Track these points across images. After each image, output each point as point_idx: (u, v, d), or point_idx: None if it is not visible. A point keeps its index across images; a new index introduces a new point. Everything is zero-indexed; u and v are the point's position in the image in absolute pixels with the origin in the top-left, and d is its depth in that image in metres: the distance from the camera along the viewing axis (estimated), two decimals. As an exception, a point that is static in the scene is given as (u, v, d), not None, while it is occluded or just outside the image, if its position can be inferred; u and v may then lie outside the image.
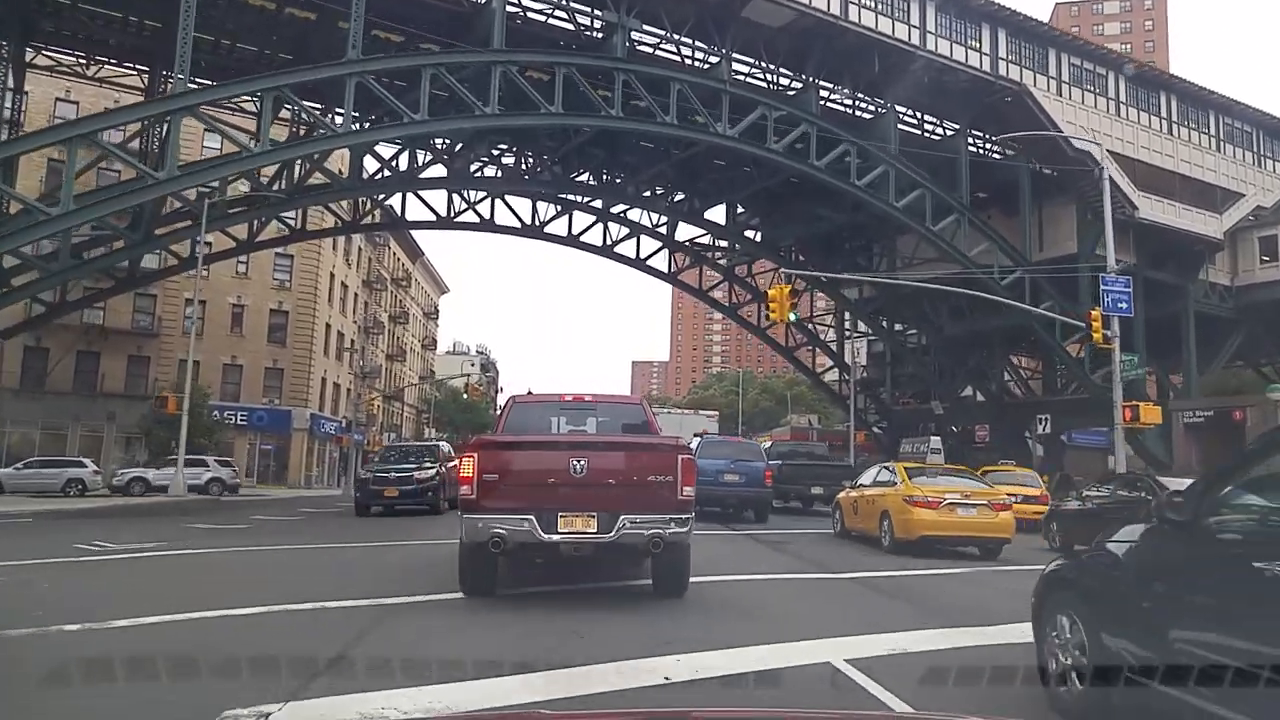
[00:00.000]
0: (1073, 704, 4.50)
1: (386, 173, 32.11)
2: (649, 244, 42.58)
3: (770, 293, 21.49)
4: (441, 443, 28.62)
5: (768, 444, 28.76)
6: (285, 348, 48.28)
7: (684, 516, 8.02)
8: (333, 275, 52.48)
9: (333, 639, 6.38)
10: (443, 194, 37.52)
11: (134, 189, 21.86)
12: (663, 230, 42.11)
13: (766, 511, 19.64)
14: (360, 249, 58.41)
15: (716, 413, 70.81)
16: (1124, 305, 19.86)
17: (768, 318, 21.59)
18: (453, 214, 37.21)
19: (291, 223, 35.53)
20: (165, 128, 22.27)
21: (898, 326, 44.70)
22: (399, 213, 37.25)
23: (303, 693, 4.90)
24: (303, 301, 48.80)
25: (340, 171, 30.10)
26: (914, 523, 13.25)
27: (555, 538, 7.85)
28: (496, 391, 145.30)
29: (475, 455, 8.02)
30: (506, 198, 38.82)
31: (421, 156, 31.82)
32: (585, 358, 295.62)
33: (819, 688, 5.48)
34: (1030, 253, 35.05)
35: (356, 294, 57.74)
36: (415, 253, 74.31)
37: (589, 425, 9.53)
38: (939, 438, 40.30)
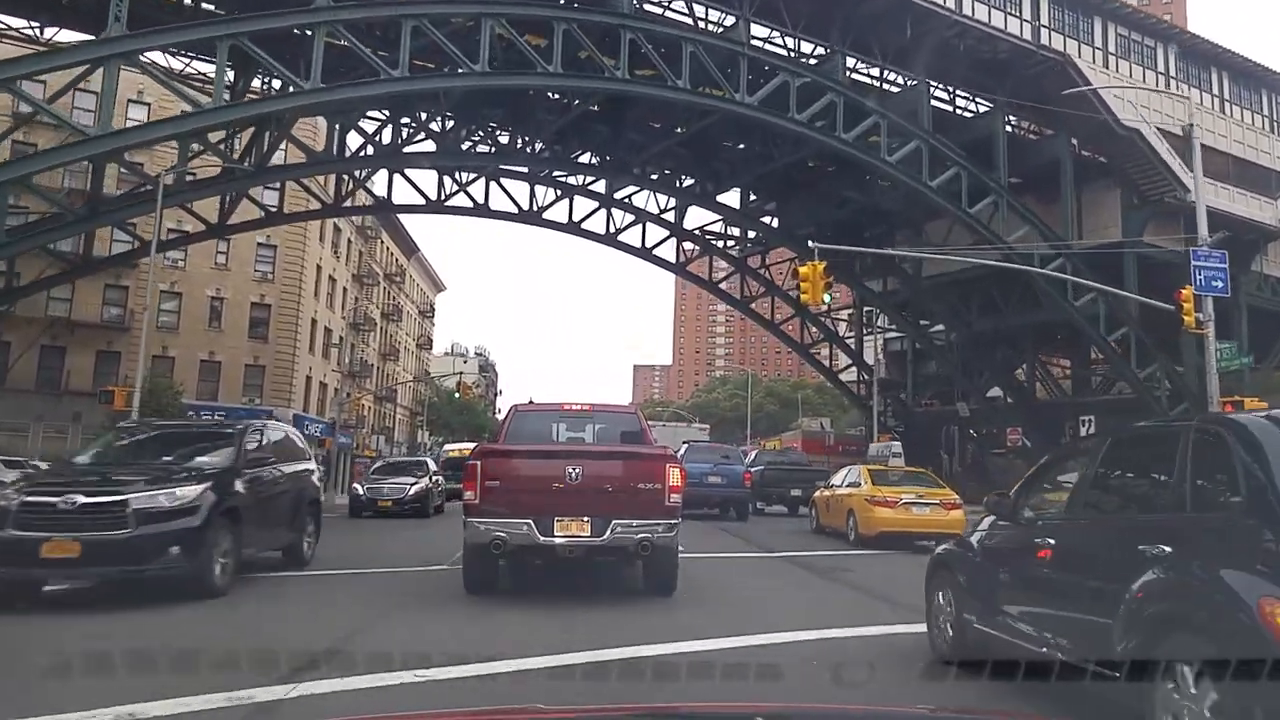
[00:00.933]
0: (947, 651, 6.08)
1: (370, 150, 29.10)
2: (656, 233, 39.72)
3: (802, 271, 18.56)
4: (427, 459, 26.40)
5: (751, 455, 29.73)
6: (267, 344, 45.33)
7: (671, 521, 8.59)
8: (319, 268, 49.54)
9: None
10: (433, 176, 34.70)
11: (63, 150, 18.94)
12: (670, 217, 39.23)
13: (746, 510, 21.61)
14: (350, 241, 55.53)
15: (708, 426, 73.35)
16: (1219, 284, 16.91)
17: (803, 296, 18.59)
18: (443, 197, 34.33)
19: (269, 205, 32.60)
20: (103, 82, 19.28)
21: (922, 322, 41.89)
22: (386, 195, 34.29)
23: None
24: (287, 295, 45.88)
25: (313, 143, 27.16)
26: (874, 520, 15.06)
27: (552, 540, 8.36)
28: (496, 395, 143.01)
29: (478, 463, 8.53)
30: (502, 181, 35.95)
31: (408, 133, 28.85)
32: (586, 362, 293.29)
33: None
34: (1070, 240, 32.13)
35: (346, 289, 54.82)
36: (410, 248, 71.43)
37: (587, 433, 10.01)
38: (900, 443, 40.20)
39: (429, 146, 30.35)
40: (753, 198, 37.97)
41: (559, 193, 36.92)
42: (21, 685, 5.29)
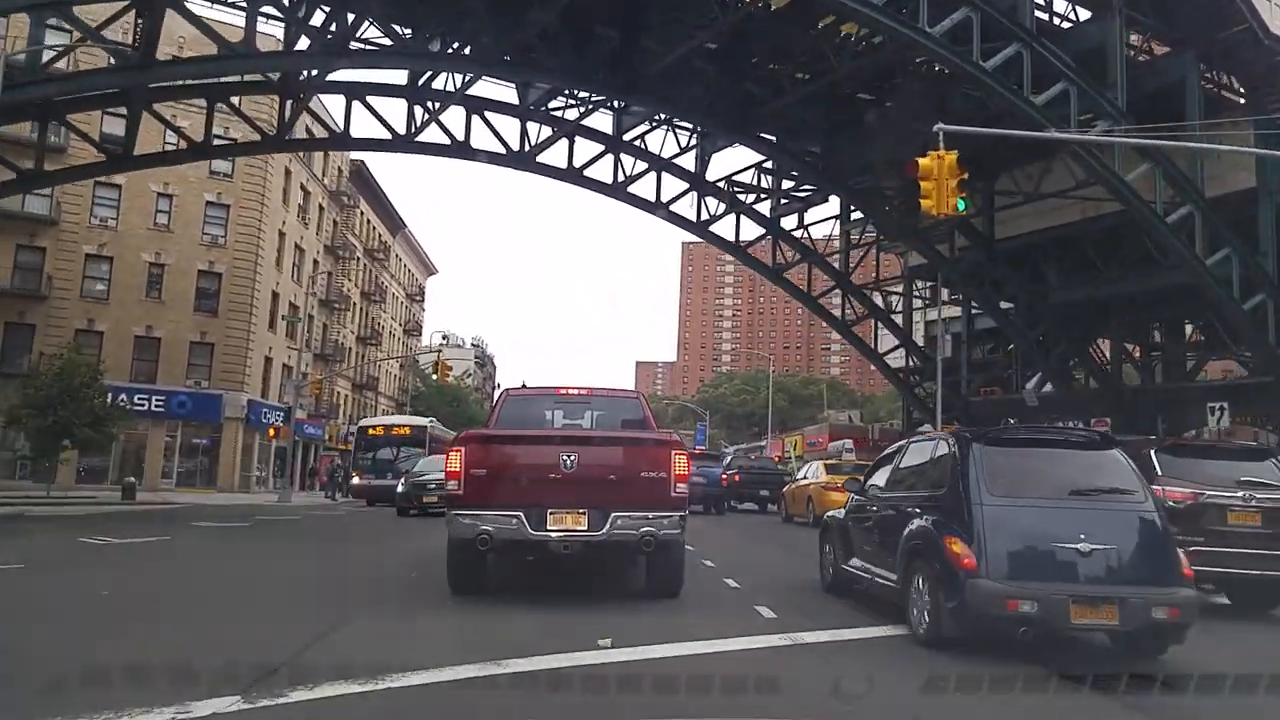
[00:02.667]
0: (827, 584, 9.46)
1: (305, 43, 22.50)
2: (672, 186, 33.18)
3: (922, 164, 12.05)
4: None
5: (727, 459, 32.51)
6: (217, 318, 38.89)
7: (678, 514, 8.03)
8: (282, 234, 43.08)
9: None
10: (401, 107, 28.22)
11: None
12: (690, 164, 32.76)
13: (723, 506, 25.50)
14: (322, 208, 49.07)
15: (691, 433, 75.59)
16: None
17: (924, 204, 11.97)
18: (414, 130, 27.82)
19: (194, 133, 26.01)
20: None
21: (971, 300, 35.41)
22: (342, 126, 27.77)
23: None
24: (241, 262, 39.43)
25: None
26: (827, 502, 17.87)
27: (544, 535, 7.80)
28: (494, 388, 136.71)
29: (462, 450, 7.91)
30: (488, 116, 29.44)
31: (356, 20, 22.27)
32: (588, 358, 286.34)
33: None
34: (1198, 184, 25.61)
35: (317, 261, 48.35)
36: (395, 224, 64.98)
37: (585, 419, 9.51)
38: (852, 440, 41.78)
39: (388, 46, 23.75)
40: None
41: (554, 130, 30.43)
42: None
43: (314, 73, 24.54)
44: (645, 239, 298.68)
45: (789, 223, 35.44)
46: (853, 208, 36.28)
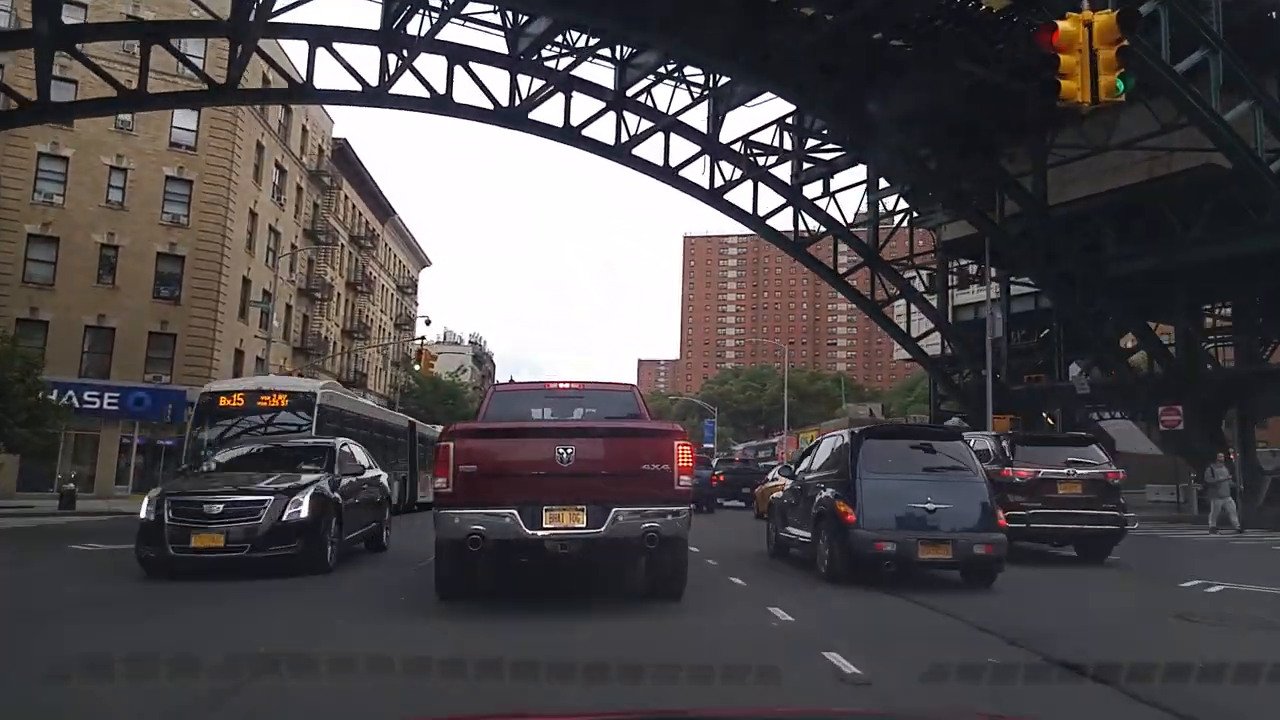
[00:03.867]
0: (770, 551, 12.64)
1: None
2: (681, 150, 29.48)
3: (1063, 29, 8.25)
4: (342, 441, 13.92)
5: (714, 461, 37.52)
6: (180, 306, 35.19)
7: (682, 508, 7.64)
8: (254, 214, 39.36)
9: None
10: (373, 56, 24.53)
11: None
12: (701, 123, 29.11)
13: (713, 504, 27.36)
14: (300, 188, 45.34)
15: (695, 430, 74.25)
16: None
17: (1065, 88, 8.15)
18: (387, 79, 24.13)
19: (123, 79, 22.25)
20: None
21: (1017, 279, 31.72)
22: (304, 76, 24.04)
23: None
24: (207, 245, 35.72)
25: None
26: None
27: (540, 533, 7.40)
28: (492, 387, 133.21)
29: (450, 445, 7.45)
30: (472, 67, 25.78)
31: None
32: (589, 356, 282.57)
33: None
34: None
35: (295, 246, 44.64)
36: (384, 211, 61.25)
37: (576, 415, 8.96)
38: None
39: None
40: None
41: (548, 85, 26.76)
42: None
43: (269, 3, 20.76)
44: (647, 237, 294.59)
45: (812, 192, 31.74)
46: (881, 181, 32.65)
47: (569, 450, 7.40)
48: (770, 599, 8.38)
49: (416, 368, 36.06)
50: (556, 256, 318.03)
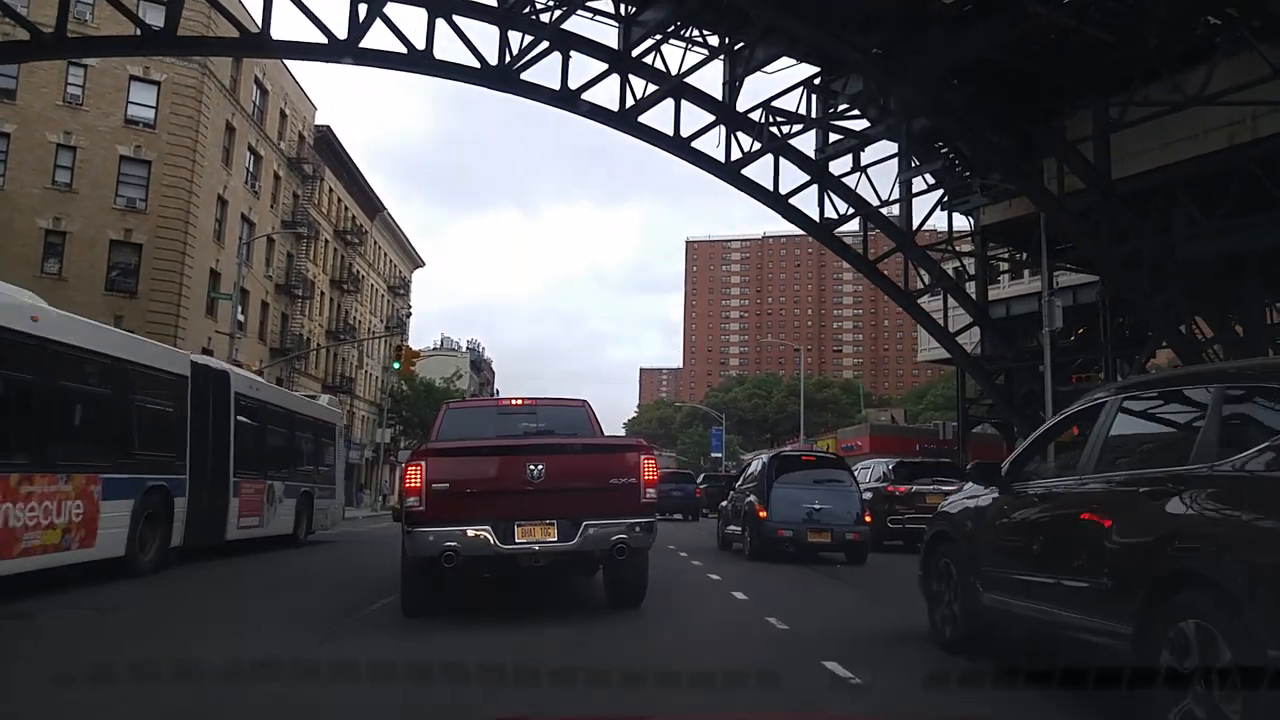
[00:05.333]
0: (719, 545, 17.82)
1: None
2: (694, 117, 26.10)
3: None
4: None
5: (700, 477, 41.16)
6: (136, 299, 31.83)
7: (648, 520, 7.90)
8: (223, 200, 36.02)
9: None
10: (340, 7, 21.19)
11: None
12: (717, 90, 25.74)
13: (697, 513, 31.77)
14: (279, 176, 42.01)
15: (674, 454, 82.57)
16: None
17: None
18: (359, 24, 20.76)
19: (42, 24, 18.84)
20: None
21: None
22: (261, 24, 20.65)
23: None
24: (168, 233, 32.35)
25: None
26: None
27: (513, 548, 7.56)
28: (492, 394, 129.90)
29: (423, 464, 7.53)
30: (456, 20, 22.42)
31: None
32: (591, 365, 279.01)
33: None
34: None
35: (272, 238, 41.31)
36: (372, 206, 58.00)
37: (529, 431, 9.08)
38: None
39: None
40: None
41: (546, 42, 23.38)
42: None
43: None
44: (651, 235, 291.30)
45: (840, 168, 28.32)
46: (913, 160, 29.25)
47: (539, 467, 7.58)
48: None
49: (395, 366, 32.48)
50: (557, 259, 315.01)
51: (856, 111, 28.26)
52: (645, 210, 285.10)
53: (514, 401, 9.86)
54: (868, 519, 14.54)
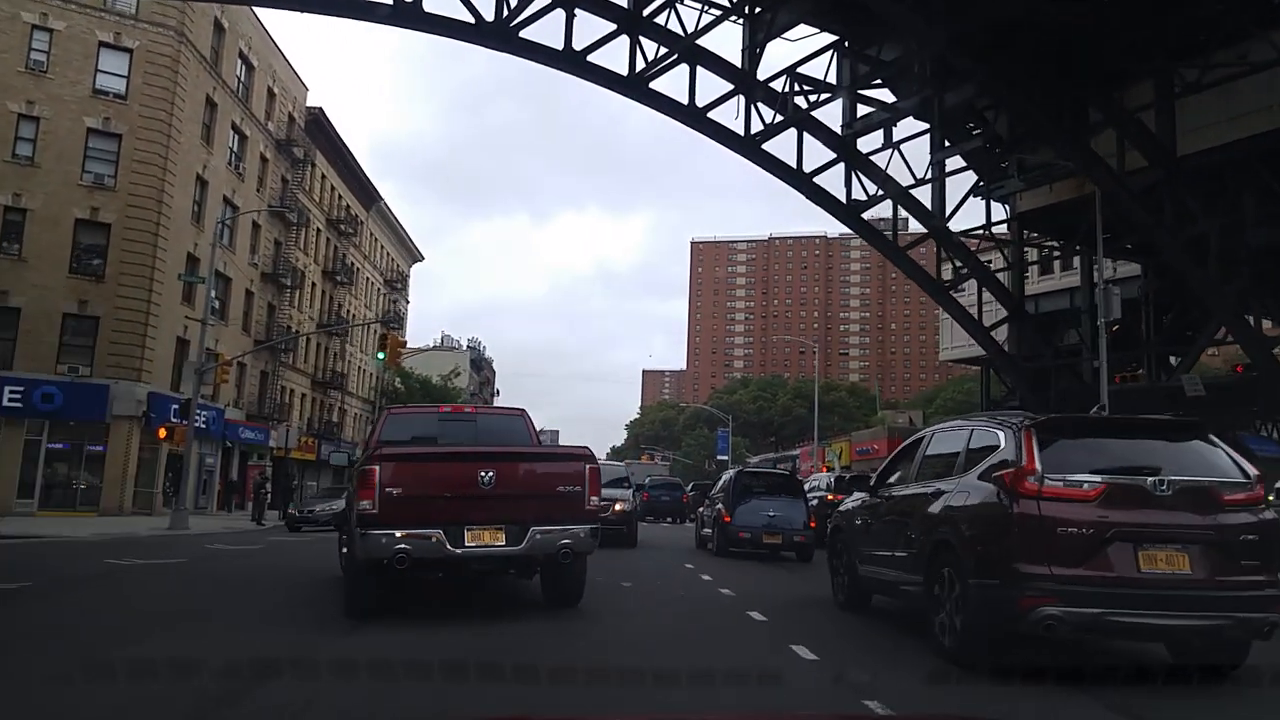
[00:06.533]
0: (696, 544, 20.10)
1: None
2: (711, 87, 23.74)
3: None
4: None
5: (689, 485, 43.97)
6: (104, 283, 29.47)
7: (593, 526, 8.22)
8: (204, 182, 33.69)
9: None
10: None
11: None
12: (734, 55, 23.36)
13: (684, 516, 34.77)
14: (266, 158, 39.66)
15: (668, 462, 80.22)
16: None
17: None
18: (330, -30, 18.39)
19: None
20: None
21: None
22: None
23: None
24: (140, 211, 29.98)
25: None
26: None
27: (463, 551, 7.75)
28: (493, 395, 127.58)
29: (377, 469, 7.62)
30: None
31: None
32: (595, 367, 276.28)
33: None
34: None
35: (258, 224, 38.97)
36: (368, 195, 55.68)
37: (469, 438, 9.50)
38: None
39: None
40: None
41: (548, -3, 21.04)
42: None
43: None
44: (659, 240, 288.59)
45: (868, 145, 25.94)
46: (946, 141, 26.87)
47: (490, 474, 7.81)
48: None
49: (380, 356, 30.03)
50: (565, 262, 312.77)
51: (888, 90, 25.97)
52: (653, 215, 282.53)
53: (454, 409, 10.09)
54: (812, 524, 16.80)
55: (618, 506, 17.62)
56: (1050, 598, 5.78)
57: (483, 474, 7.73)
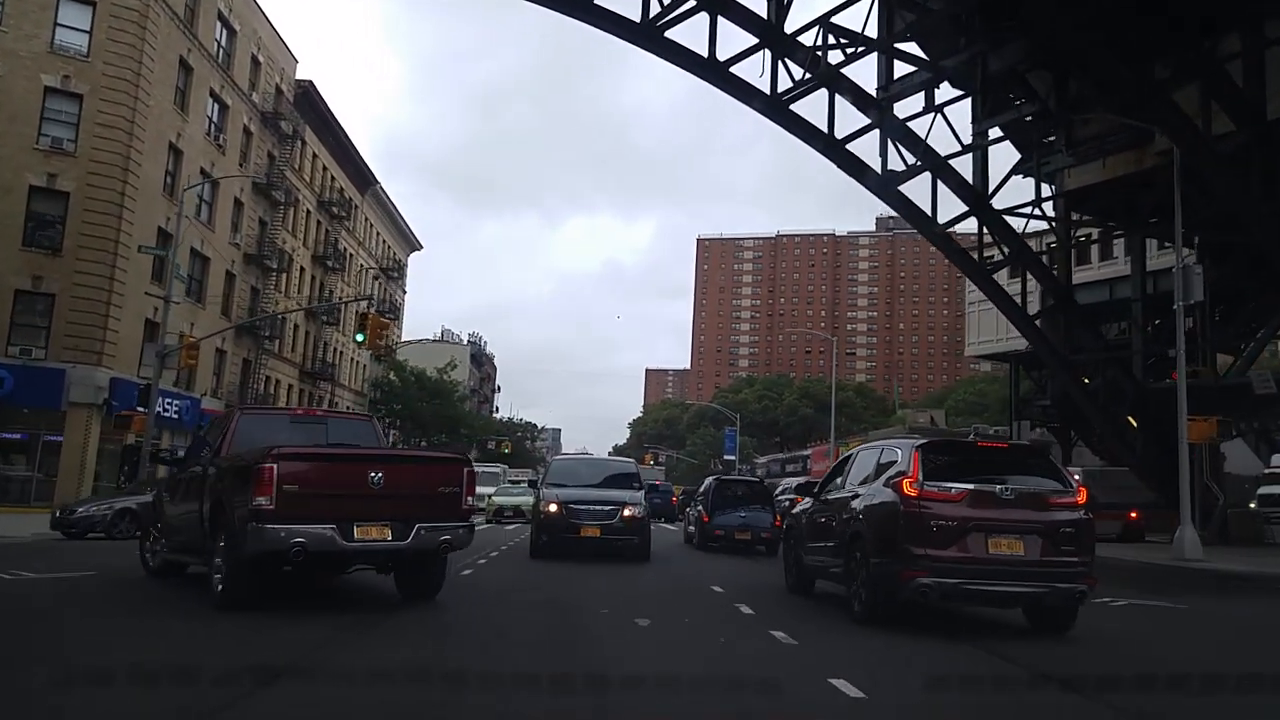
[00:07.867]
0: (682, 542, 22.22)
1: None
2: (733, 38, 21.12)
3: None
4: None
5: (679, 490, 46.47)
6: (60, 257, 26.93)
7: (469, 525, 8.99)
8: (178, 151, 31.12)
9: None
10: None
11: None
12: (758, 4, 20.76)
13: (674, 517, 37.00)
14: (250, 131, 37.08)
15: (664, 466, 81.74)
16: None
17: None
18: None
19: None
20: None
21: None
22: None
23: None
24: (101, 179, 27.42)
25: None
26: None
27: (353, 545, 8.20)
28: (494, 390, 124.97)
29: (275, 466, 7.94)
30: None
31: None
32: (601, 366, 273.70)
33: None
34: None
35: (241, 201, 36.40)
36: (364, 178, 53.12)
37: (319, 440, 9.69)
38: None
39: None
40: None
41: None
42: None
43: None
44: (658, 240, 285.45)
45: (907, 110, 23.33)
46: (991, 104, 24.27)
47: (379, 475, 8.29)
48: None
49: (360, 337, 27.44)
50: (573, 263, 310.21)
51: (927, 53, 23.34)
52: (661, 217, 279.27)
53: (305, 412, 10.14)
54: (778, 523, 17.49)
55: (626, 512, 14.99)
56: (924, 571, 7.78)
57: (373, 474, 8.23)
